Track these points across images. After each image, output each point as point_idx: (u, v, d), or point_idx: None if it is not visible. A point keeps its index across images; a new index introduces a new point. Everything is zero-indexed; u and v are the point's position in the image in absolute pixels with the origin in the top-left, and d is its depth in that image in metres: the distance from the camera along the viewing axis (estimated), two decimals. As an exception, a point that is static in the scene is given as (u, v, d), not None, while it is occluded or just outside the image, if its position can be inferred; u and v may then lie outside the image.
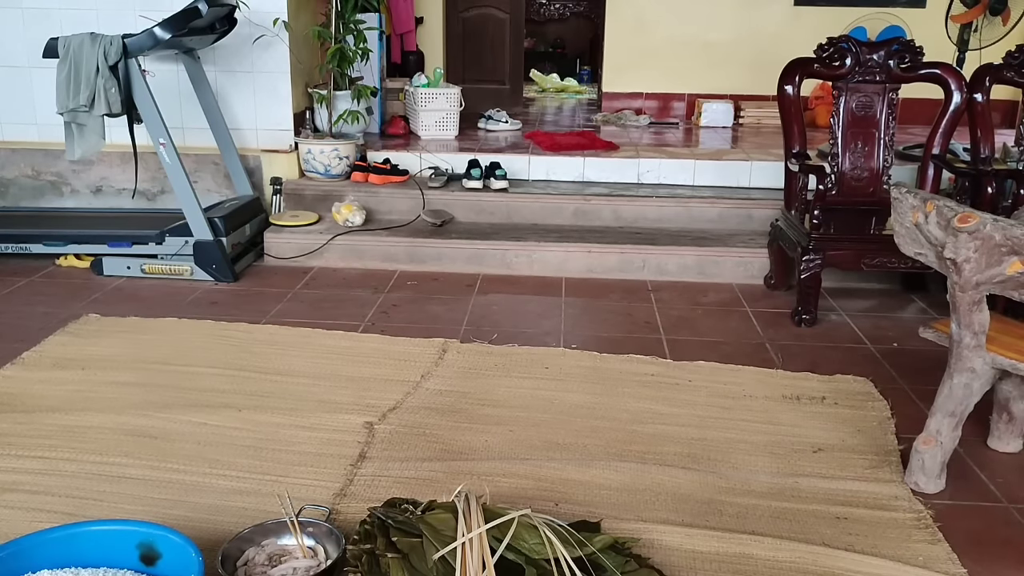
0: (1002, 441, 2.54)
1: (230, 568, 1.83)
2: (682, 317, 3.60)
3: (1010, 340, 2.27)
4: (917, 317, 3.65)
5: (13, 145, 4.62)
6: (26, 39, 4.34)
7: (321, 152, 4.47)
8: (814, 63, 3.69)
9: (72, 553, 1.47)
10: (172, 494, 2.17)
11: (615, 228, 4.34)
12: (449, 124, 5.20)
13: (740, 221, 4.34)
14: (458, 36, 6.74)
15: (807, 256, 3.46)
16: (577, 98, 7.85)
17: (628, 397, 2.82)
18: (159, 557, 1.80)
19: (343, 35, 4.57)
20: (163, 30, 3.64)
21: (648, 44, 6.27)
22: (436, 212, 4.36)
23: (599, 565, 1.80)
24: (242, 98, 4.53)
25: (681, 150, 5.02)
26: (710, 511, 2.19)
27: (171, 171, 3.86)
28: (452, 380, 2.92)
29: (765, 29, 6.05)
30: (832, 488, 2.31)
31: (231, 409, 2.64)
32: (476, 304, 3.70)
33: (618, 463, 2.39)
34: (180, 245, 3.93)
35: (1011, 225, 2.03)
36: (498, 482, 2.25)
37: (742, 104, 6.02)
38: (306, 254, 4.16)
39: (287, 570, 1.83)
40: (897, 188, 2.27)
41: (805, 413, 2.74)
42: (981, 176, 3.55)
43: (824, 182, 3.53)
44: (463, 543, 1.76)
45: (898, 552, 2.03)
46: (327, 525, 1.95)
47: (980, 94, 3.68)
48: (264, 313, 3.53)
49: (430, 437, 2.53)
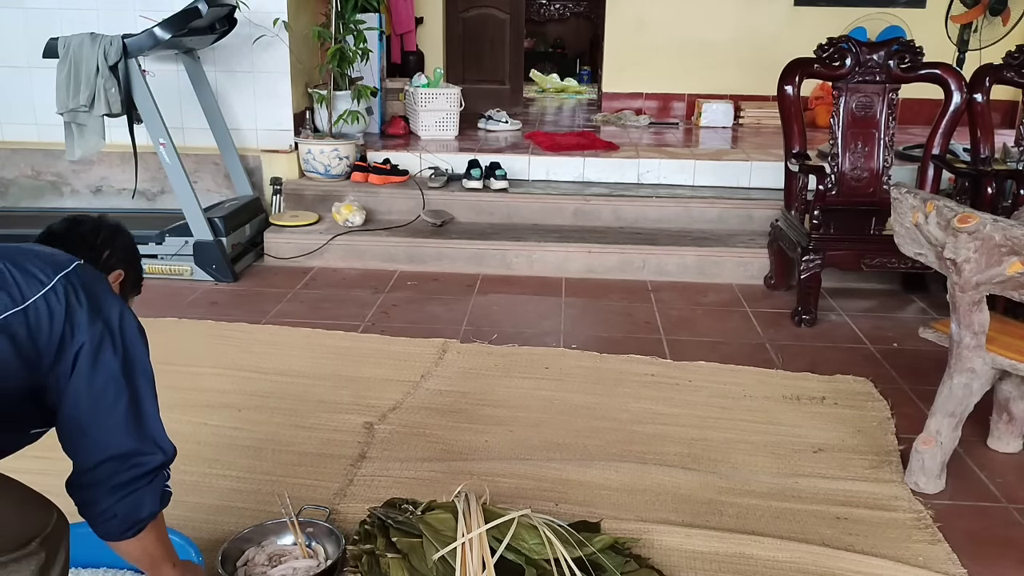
0: (1002, 441, 2.54)
1: (230, 568, 1.83)
2: (682, 317, 3.60)
3: (1010, 340, 2.27)
4: (917, 317, 3.65)
5: (13, 145, 4.62)
6: (26, 39, 4.34)
7: (321, 152, 4.47)
8: (814, 63, 3.69)
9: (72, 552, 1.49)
10: (172, 494, 2.17)
11: (615, 228, 4.34)
12: (449, 124, 5.20)
13: (740, 221, 4.34)
14: (458, 36, 6.74)
15: (807, 256, 3.46)
16: (577, 98, 7.84)
17: (628, 397, 2.82)
18: None
19: (343, 35, 4.57)
20: (163, 30, 3.64)
21: (648, 44, 6.27)
22: (436, 212, 4.36)
23: (599, 565, 1.80)
24: (242, 98, 4.53)
25: (681, 150, 5.02)
26: (710, 511, 2.19)
27: (171, 171, 3.87)
28: (452, 380, 2.92)
29: (765, 29, 6.05)
30: (832, 488, 2.31)
31: (231, 409, 2.64)
32: (476, 304, 3.70)
33: (618, 463, 2.39)
34: (180, 245, 3.93)
35: (1011, 225, 2.04)
36: (498, 482, 2.25)
37: (742, 104, 6.02)
38: (306, 254, 4.16)
39: (287, 570, 1.83)
40: (897, 188, 2.27)
41: (805, 413, 2.74)
42: (981, 176, 3.55)
43: (824, 182, 3.53)
44: (463, 543, 1.76)
45: (898, 552, 2.03)
46: (327, 525, 1.95)
47: (980, 94, 3.68)
48: (264, 313, 3.53)
49: (430, 437, 2.53)
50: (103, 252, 1.61)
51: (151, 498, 1.42)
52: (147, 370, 1.45)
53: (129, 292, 1.68)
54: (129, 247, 1.69)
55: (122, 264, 1.64)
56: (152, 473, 1.42)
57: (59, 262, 1.40)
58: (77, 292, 1.37)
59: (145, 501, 1.41)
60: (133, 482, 1.39)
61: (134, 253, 1.70)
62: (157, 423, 1.45)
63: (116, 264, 1.62)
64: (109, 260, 1.61)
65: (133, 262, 1.69)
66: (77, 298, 1.36)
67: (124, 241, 1.68)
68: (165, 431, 1.46)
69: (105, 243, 1.62)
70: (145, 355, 1.46)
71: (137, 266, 1.70)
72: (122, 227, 1.70)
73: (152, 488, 1.42)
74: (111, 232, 1.66)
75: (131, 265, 1.67)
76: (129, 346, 1.42)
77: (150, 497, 1.42)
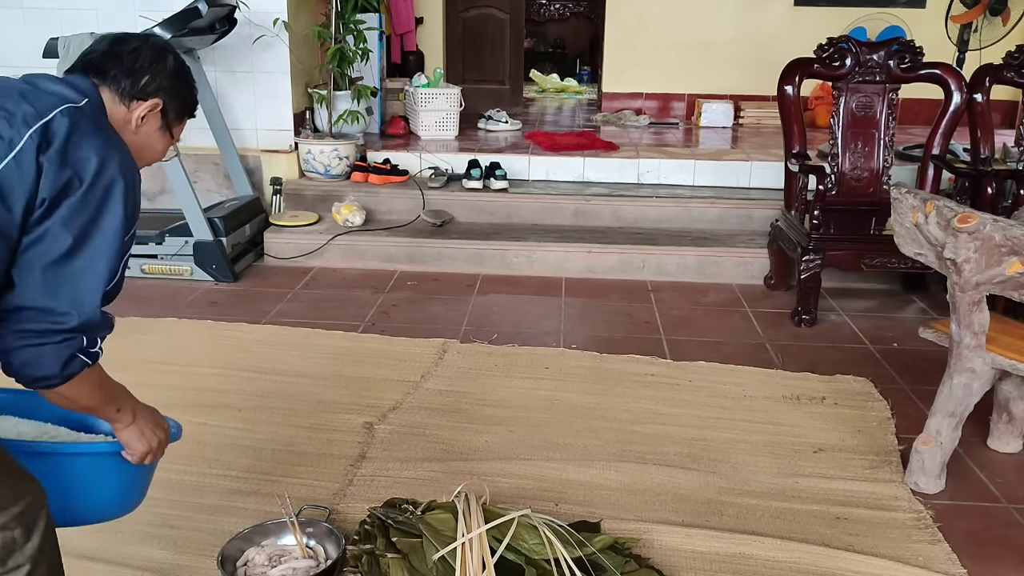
0: (1002, 441, 2.54)
1: (230, 568, 1.83)
2: (682, 317, 3.60)
3: (1010, 340, 2.27)
4: (917, 317, 3.65)
5: (13, 145, 4.61)
6: (26, 39, 4.34)
7: (321, 152, 4.47)
8: (814, 63, 3.69)
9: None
10: (172, 494, 2.17)
11: (615, 228, 4.34)
12: (449, 124, 5.20)
13: (740, 221, 4.34)
14: (458, 36, 6.74)
15: (807, 256, 3.46)
16: (577, 98, 7.84)
17: (628, 397, 2.82)
18: None
19: (343, 35, 4.57)
20: (163, 30, 3.63)
21: (648, 44, 6.27)
22: (436, 212, 4.36)
23: (599, 565, 1.80)
24: (242, 98, 4.52)
25: (681, 150, 5.02)
26: (710, 511, 2.19)
27: (171, 171, 3.86)
28: (452, 380, 2.92)
29: (765, 29, 6.05)
30: (832, 488, 2.31)
31: (231, 409, 2.64)
32: (476, 304, 3.70)
33: (618, 463, 2.39)
34: (180, 245, 3.93)
35: (1011, 225, 2.04)
36: (498, 482, 2.25)
37: (742, 104, 6.01)
38: (306, 254, 4.16)
39: (287, 570, 1.83)
40: (897, 188, 2.27)
41: (805, 413, 2.74)
42: (981, 176, 3.55)
43: (824, 182, 3.53)
44: (463, 543, 1.76)
45: (898, 552, 2.03)
46: (327, 525, 1.95)
47: (980, 94, 3.68)
48: (264, 313, 3.53)
49: (430, 437, 2.53)
50: (141, 78, 1.48)
51: (51, 360, 1.31)
52: (110, 228, 1.34)
53: (173, 122, 1.57)
54: (174, 72, 1.54)
55: (161, 92, 1.51)
56: (60, 334, 1.30)
57: (43, 107, 1.32)
58: (51, 144, 1.28)
59: (43, 361, 1.30)
60: (37, 335, 1.29)
61: (179, 79, 1.55)
62: (90, 285, 1.33)
63: (154, 91, 1.50)
64: (147, 87, 1.49)
65: (176, 89, 1.55)
66: (47, 152, 1.28)
67: (167, 65, 1.53)
68: (99, 297, 1.34)
69: (144, 68, 1.49)
70: (117, 214, 1.34)
71: (182, 93, 1.57)
72: (168, 49, 1.56)
73: (57, 349, 1.30)
74: (153, 55, 1.51)
75: (173, 92, 1.54)
76: (95, 199, 1.31)
77: (49, 358, 1.30)
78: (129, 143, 1.46)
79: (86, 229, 1.32)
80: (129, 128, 1.49)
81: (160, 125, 1.54)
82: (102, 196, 1.33)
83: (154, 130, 1.53)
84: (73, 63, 1.50)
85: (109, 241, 1.34)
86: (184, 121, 1.62)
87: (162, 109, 1.52)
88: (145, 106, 1.49)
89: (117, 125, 1.46)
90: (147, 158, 1.56)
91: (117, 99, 1.47)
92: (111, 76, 1.46)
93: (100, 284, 1.34)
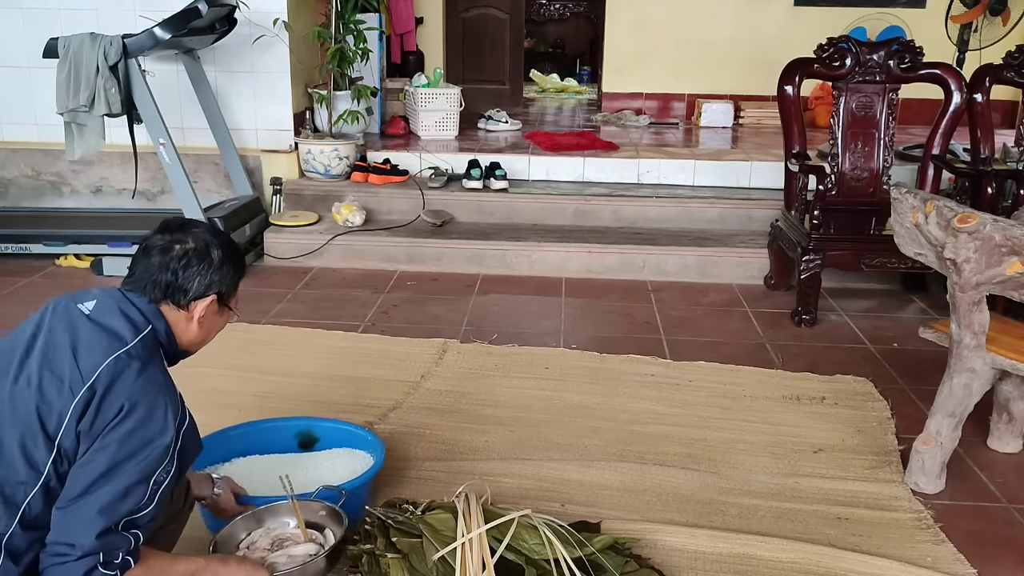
0: (1002, 441, 2.54)
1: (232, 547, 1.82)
2: (682, 317, 3.60)
3: (1010, 340, 2.27)
4: (917, 317, 3.65)
5: (13, 145, 4.62)
6: (26, 39, 4.34)
7: (321, 152, 4.47)
8: (814, 63, 3.69)
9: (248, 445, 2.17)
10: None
11: (615, 228, 4.34)
12: (449, 124, 5.20)
13: (740, 221, 4.34)
14: (458, 36, 6.74)
15: (807, 256, 3.46)
16: (577, 98, 7.84)
17: (628, 397, 2.82)
18: (317, 440, 2.29)
19: (343, 35, 4.56)
20: (163, 30, 3.63)
21: (648, 44, 6.27)
22: (436, 212, 4.36)
23: (599, 565, 1.80)
24: (242, 98, 4.52)
25: (681, 150, 5.02)
26: (711, 511, 2.19)
27: (171, 171, 3.86)
28: (452, 380, 2.92)
29: (765, 29, 6.05)
30: (832, 488, 2.31)
31: (231, 409, 2.64)
32: (476, 304, 3.70)
33: (618, 463, 2.39)
34: (180, 245, 3.92)
35: (1011, 225, 2.04)
36: (498, 482, 2.25)
37: (742, 104, 6.01)
38: (306, 254, 4.16)
39: (281, 557, 1.81)
40: (897, 188, 2.27)
41: (805, 413, 2.74)
42: (981, 176, 3.55)
43: (824, 182, 3.53)
44: (463, 543, 1.76)
45: (903, 552, 2.03)
46: (333, 507, 1.90)
47: (980, 94, 3.68)
48: (264, 313, 3.53)
49: (430, 437, 2.53)
50: (193, 284, 1.55)
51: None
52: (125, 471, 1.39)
53: (228, 299, 1.63)
54: (220, 264, 1.59)
55: (213, 287, 1.58)
56: (68, 557, 1.36)
57: (88, 368, 1.41)
58: (88, 405, 1.39)
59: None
60: (49, 558, 1.37)
61: (226, 265, 1.60)
62: (86, 520, 1.37)
63: (206, 290, 1.57)
64: (199, 289, 1.56)
65: (225, 277, 1.60)
66: (82, 422, 1.39)
67: (214, 261, 1.58)
68: (97, 531, 1.37)
69: (194, 273, 1.55)
70: (138, 455, 1.40)
71: (231, 277, 1.62)
72: (213, 238, 1.61)
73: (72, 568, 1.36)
74: (199, 255, 1.57)
75: (223, 281, 1.60)
76: (112, 441, 1.39)
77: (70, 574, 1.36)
78: (194, 335, 1.60)
79: (90, 475, 1.39)
80: (192, 326, 1.59)
81: (218, 309, 1.63)
82: (121, 438, 1.40)
83: (213, 314, 1.62)
84: (135, 275, 1.57)
85: (122, 480, 1.40)
86: (237, 291, 1.69)
87: (215, 300, 1.60)
88: (203, 305, 1.58)
89: (179, 327, 1.57)
90: (212, 337, 1.69)
91: (175, 307, 1.57)
92: (168, 294, 1.55)
93: (100, 519, 1.37)
